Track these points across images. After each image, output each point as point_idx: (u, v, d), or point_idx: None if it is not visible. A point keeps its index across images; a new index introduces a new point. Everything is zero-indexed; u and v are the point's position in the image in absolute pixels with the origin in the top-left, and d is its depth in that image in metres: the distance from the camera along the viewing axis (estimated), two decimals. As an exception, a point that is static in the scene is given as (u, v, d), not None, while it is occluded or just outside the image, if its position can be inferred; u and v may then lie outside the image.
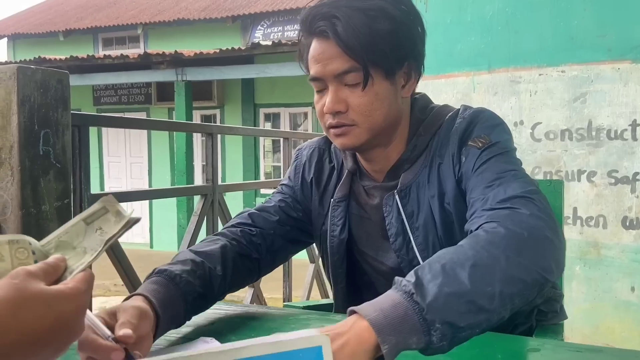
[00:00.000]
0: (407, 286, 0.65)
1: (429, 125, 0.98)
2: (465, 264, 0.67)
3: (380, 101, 0.92)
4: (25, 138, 1.42)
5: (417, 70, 0.97)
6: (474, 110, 0.97)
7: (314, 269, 3.23)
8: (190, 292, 0.87)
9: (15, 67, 1.42)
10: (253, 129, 7.25)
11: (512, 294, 0.68)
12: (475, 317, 0.66)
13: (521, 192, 0.79)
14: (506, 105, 2.27)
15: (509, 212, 0.77)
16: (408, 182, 0.97)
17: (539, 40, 2.24)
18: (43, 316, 0.50)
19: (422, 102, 1.03)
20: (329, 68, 0.91)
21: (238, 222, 1.06)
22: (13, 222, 1.42)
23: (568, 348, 0.82)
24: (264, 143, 9.30)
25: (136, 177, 9.86)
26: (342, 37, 0.89)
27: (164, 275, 0.86)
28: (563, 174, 2.17)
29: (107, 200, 0.63)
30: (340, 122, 0.93)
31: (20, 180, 1.41)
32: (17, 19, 11.94)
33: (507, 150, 0.91)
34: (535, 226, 0.74)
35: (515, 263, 0.69)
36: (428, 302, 0.63)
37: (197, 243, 1.02)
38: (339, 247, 1.06)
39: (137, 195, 2.21)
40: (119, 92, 9.71)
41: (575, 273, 2.18)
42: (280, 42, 7.09)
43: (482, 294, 0.66)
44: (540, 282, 0.71)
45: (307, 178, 1.11)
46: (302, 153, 1.15)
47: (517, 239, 0.72)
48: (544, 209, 0.78)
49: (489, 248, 0.70)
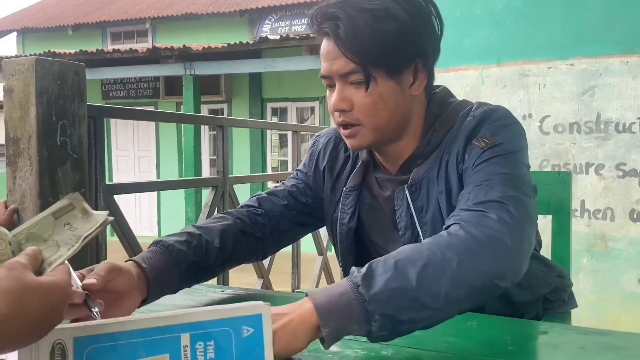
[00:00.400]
0: (357, 277, 0.71)
1: (444, 122, 0.99)
2: (417, 262, 0.72)
3: (385, 101, 0.93)
4: (43, 129, 1.45)
5: (427, 68, 0.97)
6: (486, 109, 0.96)
7: (322, 261, 3.26)
8: (184, 260, 0.92)
9: (34, 59, 1.45)
10: (263, 122, 7.26)
11: (458, 296, 0.72)
12: (418, 314, 0.71)
13: (498, 197, 0.82)
14: (515, 99, 2.28)
15: (477, 215, 0.80)
16: (419, 177, 0.98)
17: (548, 33, 2.25)
18: (41, 305, 0.54)
19: (440, 96, 1.03)
20: (334, 67, 0.93)
21: (246, 203, 1.11)
22: (32, 211, 1.46)
23: (575, 331, 0.85)
24: (271, 137, 9.33)
25: (144, 170, 9.92)
26: (342, 40, 0.90)
27: (159, 245, 0.92)
28: (571, 166, 2.19)
29: (73, 197, 0.67)
30: (345, 121, 0.95)
31: (38, 170, 1.44)
32: (26, 13, 12.01)
33: (509, 152, 0.90)
34: (497, 232, 0.77)
35: (466, 267, 0.73)
36: (371, 294, 0.69)
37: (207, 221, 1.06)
38: (348, 234, 1.08)
39: (151, 186, 2.24)
40: (127, 86, 9.76)
41: (583, 265, 2.20)
42: (287, 36, 7.10)
43: (428, 293, 0.71)
44: (489, 288, 0.74)
45: (320, 165, 1.14)
46: (319, 140, 1.17)
47: (475, 244, 0.75)
48: (516, 217, 0.79)
49: (445, 250, 0.74)
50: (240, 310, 0.62)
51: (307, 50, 6.92)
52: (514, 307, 1.04)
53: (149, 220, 9.62)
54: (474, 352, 0.75)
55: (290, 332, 0.68)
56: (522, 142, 0.95)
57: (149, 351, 0.55)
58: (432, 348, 0.76)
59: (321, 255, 3.26)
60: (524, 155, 0.94)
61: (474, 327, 0.85)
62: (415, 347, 0.77)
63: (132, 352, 0.54)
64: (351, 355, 0.74)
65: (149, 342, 0.55)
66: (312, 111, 9.05)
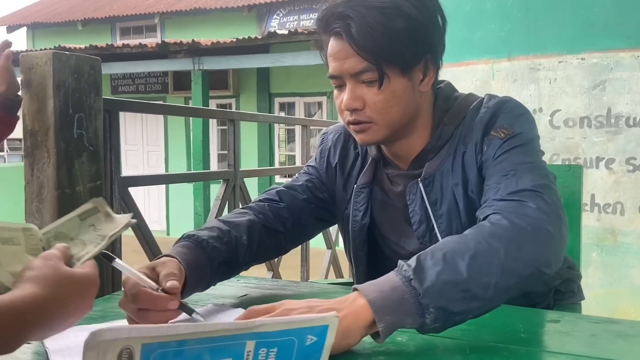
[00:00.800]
0: (407, 271, 0.72)
1: (453, 115, 1.00)
2: (465, 254, 0.73)
3: (397, 98, 0.93)
4: (61, 121, 1.48)
5: (436, 64, 0.98)
6: (499, 100, 0.98)
7: (331, 254, 3.28)
8: (217, 257, 0.92)
9: (51, 53, 1.47)
10: (274, 116, 7.27)
11: (507, 286, 0.74)
12: (469, 304, 0.72)
13: (531, 186, 0.83)
14: (525, 93, 2.29)
15: (516, 205, 0.81)
16: (432, 170, 0.99)
17: (559, 27, 2.24)
18: (73, 292, 0.58)
19: (445, 91, 1.04)
20: (346, 67, 0.92)
21: (265, 197, 1.10)
22: (49, 203, 1.49)
23: (587, 320, 0.86)
24: (279, 132, 9.35)
25: (153, 165, 9.98)
26: (355, 38, 0.90)
27: (192, 239, 0.91)
28: (581, 161, 2.19)
29: (97, 201, 0.73)
30: (357, 120, 0.95)
31: (56, 162, 1.47)
32: (36, 8, 12.07)
33: (528, 142, 0.92)
34: (538, 220, 0.78)
35: (513, 257, 0.74)
36: (425, 288, 0.70)
37: (225, 214, 1.07)
38: (360, 231, 1.09)
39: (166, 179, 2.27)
40: (137, 81, 9.80)
41: (592, 259, 2.20)
42: (296, 31, 7.10)
43: (478, 283, 0.72)
44: (536, 276, 0.76)
45: (332, 163, 1.14)
46: (328, 137, 1.17)
47: (519, 233, 0.77)
48: (552, 204, 0.81)
49: (491, 240, 0.75)
50: (310, 322, 0.63)
51: (315, 45, 6.90)
52: (527, 298, 1.05)
53: (158, 214, 9.68)
54: (487, 339, 0.76)
55: (344, 328, 0.68)
56: (535, 131, 0.97)
57: (213, 356, 0.55)
58: (445, 335, 0.78)
59: (330, 249, 3.28)
60: (539, 143, 0.96)
61: (486, 315, 0.87)
62: (430, 334, 0.78)
63: (197, 357, 0.54)
64: (367, 341, 0.76)
65: (214, 348, 0.55)
66: (319, 106, 9.06)
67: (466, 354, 0.71)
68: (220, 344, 0.56)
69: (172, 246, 0.92)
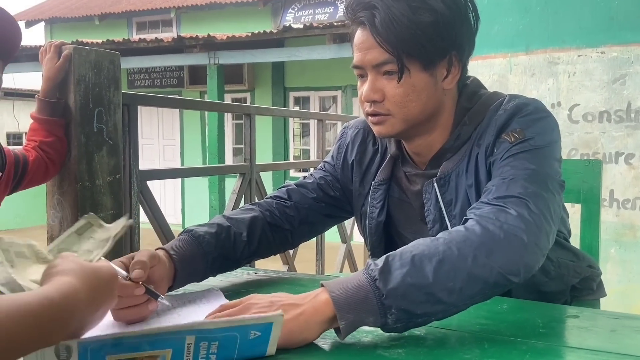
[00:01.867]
0: (374, 271, 0.73)
1: (474, 115, 0.98)
2: (433, 258, 0.74)
3: (417, 93, 0.93)
4: (81, 115, 1.50)
5: (461, 62, 0.96)
6: (518, 103, 0.95)
7: (346, 249, 3.28)
8: (211, 252, 0.95)
9: (71, 47, 1.49)
10: (290, 111, 7.28)
11: (472, 292, 0.74)
12: (432, 307, 0.73)
13: (519, 193, 0.82)
14: (543, 87, 2.26)
15: (496, 210, 0.80)
16: (448, 170, 0.98)
17: (578, 21, 2.22)
18: (98, 283, 0.60)
19: (471, 89, 1.02)
20: (368, 58, 0.93)
21: (275, 195, 1.13)
22: (70, 195, 1.51)
23: (605, 315, 0.86)
24: (293, 126, 9.36)
25: (169, 158, 10.05)
26: (378, 29, 0.90)
27: (190, 234, 0.96)
28: (600, 155, 2.17)
29: (89, 217, 0.76)
30: (375, 111, 0.95)
31: (76, 155, 1.49)
32: (54, 3, 12.19)
33: (538, 148, 0.90)
34: (514, 228, 0.78)
35: (481, 263, 0.74)
36: (388, 289, 0.71)
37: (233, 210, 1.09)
38: (377, 228, 1.09)
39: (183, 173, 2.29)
40: (152, 76, 9.87)
41: (611, 255, 2.18)
42: (311, 25, 7.08)
43: (443, 288, 0.73)
44: (502, 284, 0.76)
45: (348, 159, 1.14)
46: (347, 133, 1.17)
47: (491, 239, 0.76)
48: (536, 213, 0.80)
49: (461, 246, 0.75)
50: (253, 320, 0.65)
51: (330, 39, 6.91)
52: (544, 296, 1.05)
53: (174, 207, 9.76)
54: (505, 334, 0.76)
55: (302, 323, 0.71)
56: (553, 136, 0.94)
57: (152, 346, 0.59)
58: (464, 329, 0.78)
59: (345, 243, 3.29)
60: (555, 149, 0.93)
61: (504, 310, 0.87)
62: (447, 328, 0.79)
63: (135, 346, 0.58)
64: (385, 335, 0.76)
65: (153, 338, 0.58)
66: (334, 100, 9.05)
67: (484, 348, 0.71)
68: (157, 337, 0.59)
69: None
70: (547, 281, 1.04)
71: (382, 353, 0.70)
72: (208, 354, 0.63)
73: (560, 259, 1.07)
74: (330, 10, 8.94)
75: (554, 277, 1.05)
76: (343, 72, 8.23)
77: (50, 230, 1.55)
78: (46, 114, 1.46)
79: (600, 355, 0.69)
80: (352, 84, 8.32)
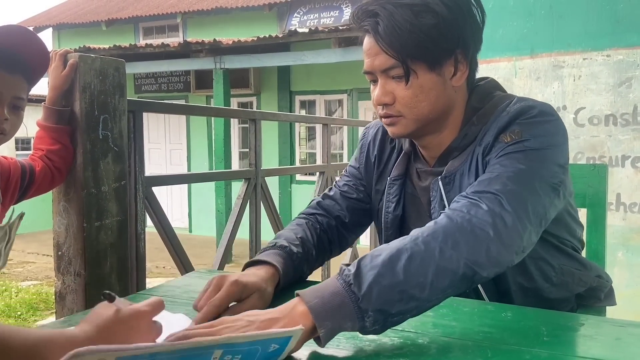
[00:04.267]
0: (348, 276, 0.73)
1: (482, 116, 0.99)
2: (402, 255, 0.75)
3: (425, 93, 0.95)
4: (86, 123, 1.50)
5: (468, 59, 0.98)
6: (523, 105, 0.95)
7: (352, 253, 3.28)
8: (298, 270, 1.02)
9: (77, 55, 1.50)
10: (295, 116, 7.29)
11: (443, 285, 0.75)
12: (407, 305, 0.73)
13: (497, 190, 0.83)
14: (549, 91, 2.25)
15: (469, 204, 0.82)
16: (453, 169, 1.00)
17: (584, 24, 2.21)
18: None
19: (483, 89, 1.03)
20: (376, 63, 0.96)
21: (311, 212, 1.17)
22: (76, 202, 1.52)
23: (611, 323, 0.85)
24: (299, 130, 9.37)
25: (175, 163, 10.09)
26: (382, 36, 0.93)
27: (285, 250, 1.01)
28: (607, 159, 2.15)
29: None
30: (388, 113, 0.99)
31: (82, 162, 1.50)
32: (61, 9, 12.29)
33: (534, 149, 0.89)
34: (482, 221, 0.79)
35: (447, 256, 0.75)
36: (363, 292, 0.72)
37: (285, 229, 1.12)
38: (393, 222, 1.12)
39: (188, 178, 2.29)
40: (159, 80, 9.92)
41: (618, 259, 2.17)
42: (316, 29, 7.10)
43: (415, 284, 0.73)
44: (469, 277, 0.76)
45: (371, 157, 1.18)
46: (369, 132, 1.21)
47: (457, 231, 0.77)
48: (507, 211, 0.80)
49: (428, 240, 0.76)
50: (276, 334, 0.67)
51: (336, 43, 6.91)
52: (548, 303, 1.04)
53: (180, 212, 9.79)
54: (509, 342, 0.76)
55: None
56: (556, 140, 0.93)
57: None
58: (467, 338, 0.78)
59: (350, 247, 3.28)
60: (555, 152, 0.92)
61: (508, 318, 0.87)
62: (451, 337, 0.78)
63: None
64: (388, 343, 0.76)
65: (184, 356, 0.59)
66: (340, 104, 9.05)
67: (488, 357, 0.71)
68: (190, 353, 0.59)
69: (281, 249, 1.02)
70: (550, 287, 1.04)
71: (385, 362, 0.70)
72: None
73: (564, 266, 1.06)
74: (335, 14, 8.96)
75: (556, 284, 1.05)
76: (349, 75, 8.24)
77: (57, 237, 1.56)
78: (52, 122, 1.47)
79: (604, 364, 0.69)
80: (357, 87, 8.32)
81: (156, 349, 0.57)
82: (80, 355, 0.51)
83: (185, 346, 0.59)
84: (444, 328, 0.82)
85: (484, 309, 0.92)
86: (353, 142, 8.63)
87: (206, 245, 7.77)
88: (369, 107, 7.90)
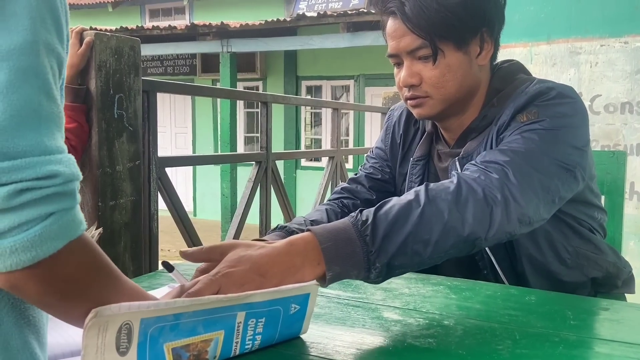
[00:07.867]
0: (364, 226, 0.73)
1: (503, 98, 0.99)
2: (414, 212, 0.75)
3: (453, 72, 0.96)
4: (102, 101, 1.50)
5: (493, 37, 0.98)
6: (541, 87, 0.95)
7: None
8: None
9: (93, 33, 1.49)
10: (306, 99, 7.26)
11: (446, 245, 0.76)
12: (410, 260, 0.74)
13: (503, 161, 0.84)
14: (564, 77, 2.23)
15: (479, 171, 0.83)
16: (471, 150, 1.00)
17: (601, 10, 2.18)
18: None
19: (506, 71, 1.03)
20: (402, 45, 0.96)
21: (336, 197, 1.17)
22: (91, 182, 1.51)
23: (636, 308, 0.85)
24: (305, 116, 9.34)
25: (181, 146, 10.08)
26: (409, 17, 0.93)
27: (285, 230, 0.97)
28: (621, 147, 2.14)
29: None
30: (414, 95, 0.99)
31: (97, 141, 1.49)
32: (66, -10, 12.18)
33: (548, 129, 0.89)
34: (490, 188, 0.80)
35: (456, 216, 0.76)
36: (376, 247, 0.72)
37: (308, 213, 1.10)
38: None
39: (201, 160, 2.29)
40: (165, 63, 9.87)
41: (630, 248, 2.16)
42: (324, 14, 7.04)
43: (420, 240, 0.74)
44: (474, 238, 0.77)
45: (397, 138, 1.19)
46: (393, 114, 1.22)
47: (469, 194, 0.78)
48: (514, 183, 0.81)
49: (438, 201, 0.77)
50: (293, 291, 0.66)
51: (344, 28, 6.86)
52: (564, 286, 1.04)
53: (185, 195, 9.80)
54: (536, 326, 0.75)
55: (291, 266, 0.68)
56: (574, 121, 0.92)
57: (207, 328, 0.59)
58: (493, 320, 0.78)
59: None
60: (571, 134, 0.91)
61: (533, 302, 0.86)
62: (477, 319, 0.78)
63: (192, 330, 0.58)
64: (413, 324, 0.76)
65: (208, 320, 0.59)
66: (346, 89, 9.00)
67: (516, 339, 0.70)
68: (213, 316, 0.59)
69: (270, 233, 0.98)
70: (565, 269, 1.04)
71: (413, 343, 0.70)
72: (254, 334, 0.64)
73: (579, 248, 1.06)
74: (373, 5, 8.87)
75: (571, 266, 1.05)
76: (356, 61, 8.18)
77: (71, 215, 1.56)
78: (69, 100, 1.46)
79: (634, 347, 0.68)
80: (364, 73, 8.27)
81: (177, 305, 0.56)
82: (100, 315, 0.50)
83: (205, 302, 0.58)
84: (469, 310, 0.82)
85: (507, 293, 0.91)
86: (359, 129, 8.60)
87: (210, 229, 7.78)
88: (376, 93, 7.86)
